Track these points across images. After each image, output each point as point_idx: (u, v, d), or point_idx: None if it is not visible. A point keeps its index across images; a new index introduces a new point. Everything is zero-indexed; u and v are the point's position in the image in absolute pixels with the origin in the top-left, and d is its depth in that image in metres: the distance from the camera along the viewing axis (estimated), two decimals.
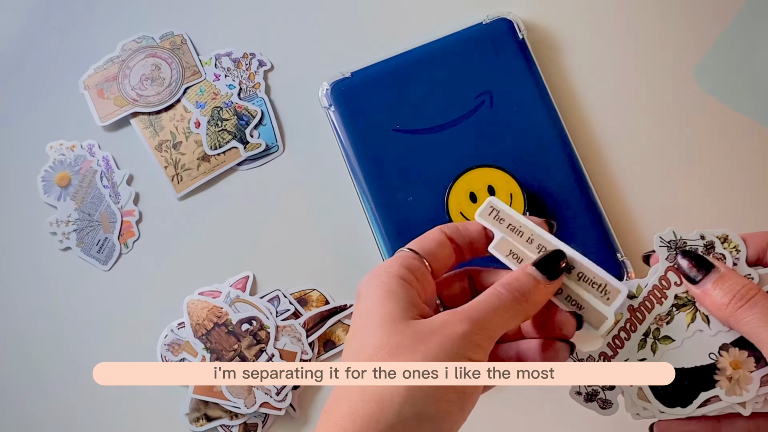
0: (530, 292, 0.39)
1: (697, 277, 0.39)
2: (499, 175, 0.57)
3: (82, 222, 0.63)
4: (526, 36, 0.61)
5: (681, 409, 0.40)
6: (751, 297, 0.37)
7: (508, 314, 0.37)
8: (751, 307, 0.37)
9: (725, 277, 0.38)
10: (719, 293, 0.38)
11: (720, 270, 0.39)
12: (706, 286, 0.39)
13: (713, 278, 0.38)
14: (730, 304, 0.37)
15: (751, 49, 0.62)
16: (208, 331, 0.58)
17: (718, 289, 0.38)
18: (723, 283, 0.38)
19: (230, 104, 0.64)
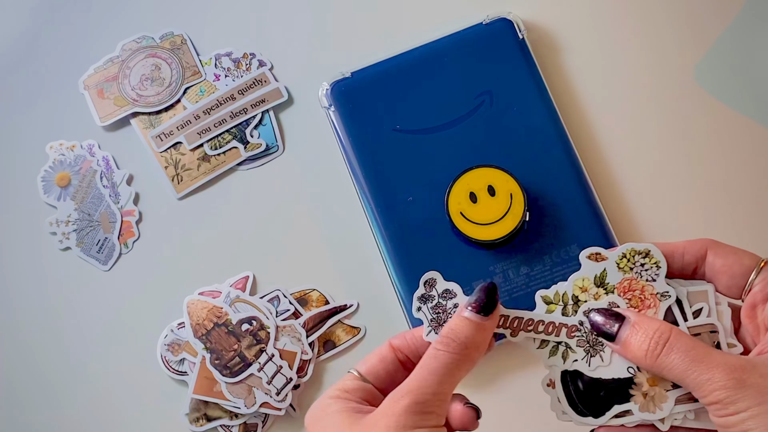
0: (469, 338, 0.38)
1: (613, 330, 0.38)
2: (499, 175, 0.57)
3: (82, 222, 0.63)
4: (526, 36, 0.61)
5: (593, 419, 0.39)
6: (666, 340, 0.37)
7: (451, 369, 0.37)
8: (668, 354, 0.36)
9: (638, 325, 0.38)
10: (636, 343, 0.37)
11: (630, 319, 0.38)
12: (621, 339, 0.38)
13: (626, 329, 0.38)
14: (648, 355, 0.37)
15: (751, 48, 0.62)
16: (208, 331, 0.58)
17: (633, 339, 0.38)
18: (637, 331, 0.38)
19: None
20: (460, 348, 0.38)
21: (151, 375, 0.59)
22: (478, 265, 0.57)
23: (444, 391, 0.37)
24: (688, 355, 0.36)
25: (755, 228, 0.59)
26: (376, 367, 0.41)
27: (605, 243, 0.57)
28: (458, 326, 0.39)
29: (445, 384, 0.37)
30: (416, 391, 0.37)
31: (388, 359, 0.42)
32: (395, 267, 0.58)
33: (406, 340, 0.42)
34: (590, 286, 0.41)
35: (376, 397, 0.40)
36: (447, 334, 0.38)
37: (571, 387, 0.40)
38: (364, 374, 0.41)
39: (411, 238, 0.58)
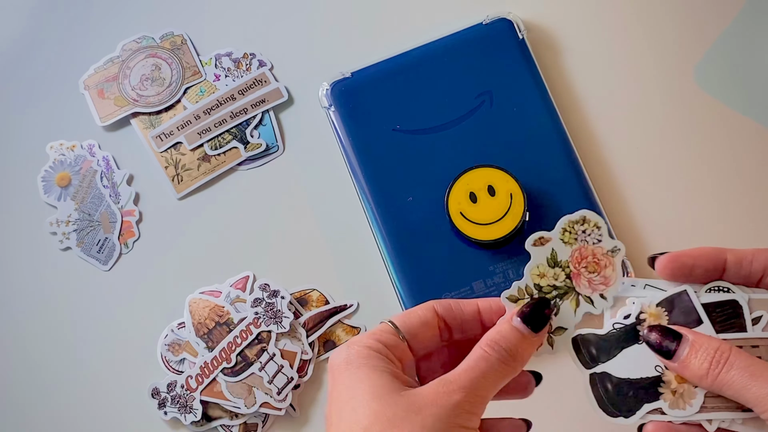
0: (516, 348, 0.38)
1: (671, 349, 0.38)
2: (499, 175, 0.57)
3: (82, 222, 0.63)
4: (526, 36, 0.61)
5: (623, 419, 0.40)
6: (726, 359, 0.37)
7: (497, 376, 0.37)
8: (728, 371, 0.36)
9: (696, 345, 0.38)
10: (696, 363, 0.37)
11: (689, 338, 0.38)
12: (680, 357, 0.38)
13: (685, 348, 0.38)
14: (709, 374, 0.37)
15: (751, 48, 0.62)
16: (210, 330, 0.59)
17: (693, 359, 0.37)
18: (696, 351, 0.37)
19: None
20: (508, 357, 0.38)
21: (152, 375, 0.59)
22: (478, 265, 0.57)
23: (487, 396, 0.37)
24: (747, 371, 0.36)
25: (754, 225, 0.59)
26: (417, 329, 0.40)
27: None
28: (508, 335, 0.38)
29: (491, 389, 0.37)
30: (470, 390, 0.36)
31: (431, 325, 0.40)
32: (395, 267, 0.58)
33: (452, 311, 0.41)
34: (546, 270, 0.41)
35: (407, 360, 0.39)
36: (498, 341, 0.38)
37: (600, 389, 0.40)
38: (403, 331, 0.39)
39: (411, 238, 0.58)
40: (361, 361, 0.37)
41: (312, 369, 0.58)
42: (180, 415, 0.58)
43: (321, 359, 0.59)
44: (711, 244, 0.58)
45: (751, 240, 0.59)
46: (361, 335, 0.39)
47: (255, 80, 0.64)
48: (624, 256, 0.41)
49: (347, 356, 0.37)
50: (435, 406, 0.35)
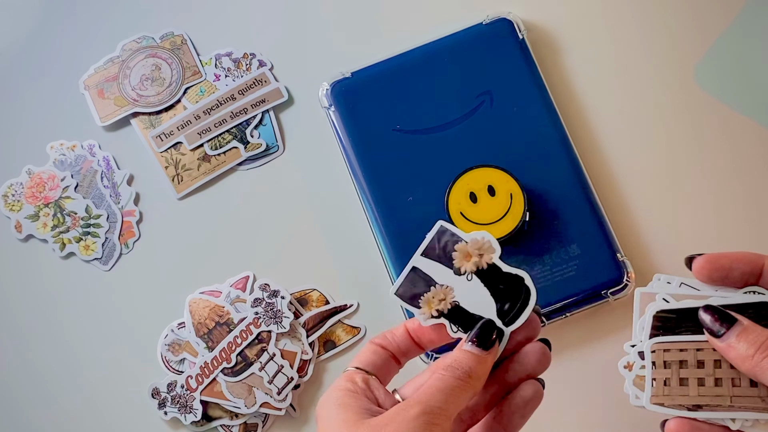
0: (471, 368, 0.40)
1: (720, 331, 0.39)
2: (499, 175, 0.57)
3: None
4: (526, 36, 0.61)
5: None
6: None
7: (454, 392, 0.39)
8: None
9: (748, 330, 0.39)
10: (744, 346, 0.38)
11: (743, 323, 0.39)
12: (729, 339, 0.39)
13: (737, 331, 0.39)
14: (755, 356, 0.38)
15: (751, 48, 0.62)
16: (210, 330, 0.59)
17: (742, 342, 0.39)
18: (747, 336, 0.39)
19: None
20: (464, 376, 0.40)
21: (152, 375, 0.59)
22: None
23: (449, 409, 0.38)
24: None
25: (754, 225, 0.59)
26: (371, 358, 0.43)
27: (605, 242, 0.57)
28: (461, 357, 0.40)
29: (450, 404, 0.39)
30: (425, 403, 0.38)
31: (383, 356, 0.43)
32: (395, 267, 0.58)
33: (387, 340, 0.44)
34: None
35: (378, 391, 0.42)
36: (450, 364, 0.40)
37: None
38: (363, 368, 0.42)
39: (411, 238, 0.58)
40: (335, 400, 0.40)
41: (312, 369, 0.58)
42: (180, 415, 0.58)
43: (321, 359, 0.59)
44: (709, 242, 0.58)
45: (751, 239, 0.59)
46: (335, 381, 0.42)
47: (255, 80, 0.64)
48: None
49: (326, 397, 0.41)
50: (394, 422, 0.37)
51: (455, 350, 0.41)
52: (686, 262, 0.42)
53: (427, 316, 0.43)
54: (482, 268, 0.44)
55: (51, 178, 0.63)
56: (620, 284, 0.56)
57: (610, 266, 0.57)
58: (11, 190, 0.63)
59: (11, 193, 0.63)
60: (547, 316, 0.56)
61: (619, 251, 0.57)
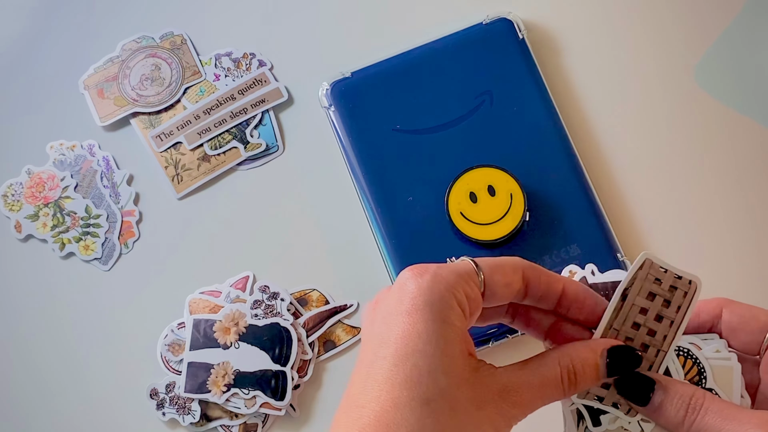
0: (585, 384, 0.37)
1: (646, 397, 0.38)
2: (499, 175, 0.57)
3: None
4: (526, 36, 0.61)
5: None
6: (701, 405, 0.37)
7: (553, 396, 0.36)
8: (704, 416, 0.36)
9: (671, 395, 0.37)
10: (671, 412, 0.37)
11: (662, 385, 0.38)
12: (654, 406, 0.37)
13: (659, 399, 0.37)
14: (685, 421, 0.37)
15: (751, 48, 0.62)
16: None
17: (667, 408, 0.37)
18: (671, 402, 0.37)
19: None
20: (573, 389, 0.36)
21: (152, 375, 0.59)
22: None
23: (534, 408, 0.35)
24: (721, 415, 0.36)
25: (754, 226, 0.59)
26: (499, 288, 0.36)
27: (605, 242, 0.57)
28: (589, 372, 0.37)
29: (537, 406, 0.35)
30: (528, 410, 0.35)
31: (512, 288, 0.36)
32: (395, 267, 0.58)
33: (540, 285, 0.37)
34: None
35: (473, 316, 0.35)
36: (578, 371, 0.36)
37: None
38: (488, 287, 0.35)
39: (411, 238, 0.58)
40: (445, 311, 0.33)
41: (312, 369, 0.58)
42: (178, 416, 0.58)
43: (321, 359, 0.59)
44: (709, 242, 0.58)
45: (751, 239, 0.59)
46: (448, 272, 0.34)
47: (255, 80, 0.64)
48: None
49: (431, 293, 0.33)
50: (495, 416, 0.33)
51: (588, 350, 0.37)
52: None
53: (215, 393, 0.54)
54: (242, 333, 0.55)
55: (51, 178, 0.63)
56: None
57: (610, 266, 0.57)
58: (11, 190, 0.63)
59: (11, 193, 0.63)
60: None
61: (619, 251, 0.57)
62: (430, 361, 0.32)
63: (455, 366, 0.32)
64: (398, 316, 0.33)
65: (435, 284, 0.33)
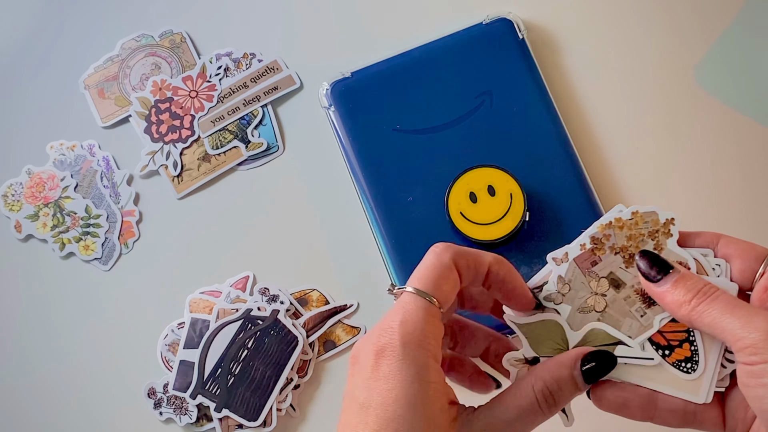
0: (565, 398, 0.37)
1: (657, 277, 0.38)
2: (499, 175, 0.57)
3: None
4: (526, 36, 0.61)
5: None
6: (712, 293, 0.37)
7: (535, 422, 0.36)
8: (711, 302, 0.36)
9: (685, 277, 0.38)
10: (680, 292, 0.37)
11: (679, 271, 0.38)
12: (665, 286, 0.38)
13: (673, 278, 0.38)
14: (692, 301, 0.37)
15: (751, 48, 0.62)
16: None
17: (678, 288, 0.37)
18: (684, 283, 0.38)
19: None
20: (554, 408, 0.37)
21: (152, 375, 0.59)
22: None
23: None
24: (729, 305, 0.36)
25: (754, 226, 0.59)
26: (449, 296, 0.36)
27: None
28: (566, 388, 0.37)
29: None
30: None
31: (455, 283, 0.37)
32: (395, 267, 0.58)
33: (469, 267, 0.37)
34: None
35: (439, 339, 0.36)
36: (554, 393, 0.37)
37: None
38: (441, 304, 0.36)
39: (411, 238, 0.58)
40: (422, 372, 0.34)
41: (312, 369, 0.58)
42: (175, 416, 0.58)
43: (321, 359, 0.59)
44: None
45: (751, 238, 0.58)
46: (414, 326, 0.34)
47: (267, 68, 0.64)
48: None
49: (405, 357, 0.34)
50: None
51: (562, 368, 0.37)
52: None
53: None
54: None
55: (51, 178, 0.63)
56: None
57: None
58: (11, 190, 0.63)
59: (11, 193, 0.63)
60: None
61: None
62: (410, 425, 0.32)
63: (434, 426, 0.33)
64: (378, 381, 0.33)
65: (407, 348, 0.34)
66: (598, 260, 0.41)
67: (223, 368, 0.57)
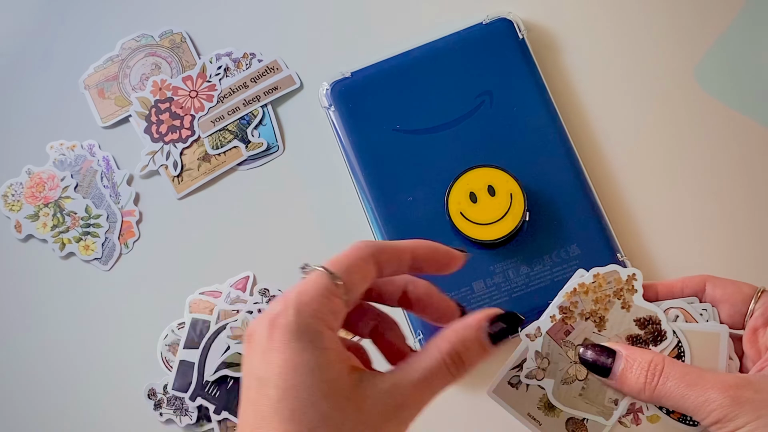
0: (475, 362, 0.36)
1: (606, 367, 0.38)
2: (499, 175, 0.57)
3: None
4: (526, 36, 0.61)
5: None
6: (661, 371, 0.37)
7: (445, 385, 0.36)
8: (665, 382, 0.37)
9: (629, 359, 0.38)
10: (632, 377, 0.38)
11: (622, 353, 0.38)
12: (616, 375, 0.38)
13: (620, 364, 0.38)
14: (646, 387, 0.37)
15: (751, 49, 0.62)
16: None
17: (629, 374, 0.38)
18: (631, 366, 0.38)
19: None
20: (464, 371, 0.36)
21: (151, 375, 0.59)
22: (478, 265, 0.57)
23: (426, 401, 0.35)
24: (683, 381, 0.36)
25: (754, 225, 0.59)
26: (358, 284, 0.36)
27: (605, 242, 0.57)
28: (474, 349, 0.36)
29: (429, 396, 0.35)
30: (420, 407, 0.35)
31: (368, 277, 0.36)
32: None
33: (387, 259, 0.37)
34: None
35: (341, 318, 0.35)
36: (461, 354, 0.36)
37: None
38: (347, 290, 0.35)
39: (411, 238, 0.58)
40: (317, 339, 0.33)
41: None
42: (175, 416, 0.58)
43: None
44: (709, 241, 0.58)
45: (751, 238, 0.59)
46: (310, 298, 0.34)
47: (267, 68, 0.64)
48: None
49: (298, 326, 0.33)
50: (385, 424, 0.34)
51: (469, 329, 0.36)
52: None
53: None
54: None
55: (51, 178, 0.63)
56: None
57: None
58: (11, 190, 0.63)
59: (11, 193, 0.63)
60: None
61: (619, 251, 0.57)
62: (311, 391, 0.32)
63: (336, 389, 0.33)
64: (273, 353, 0.33)
65: (301, 316, 0.33)
66: (571, 329, 0.42)
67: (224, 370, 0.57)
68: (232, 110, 0.64)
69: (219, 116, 0.63)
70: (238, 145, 0.63)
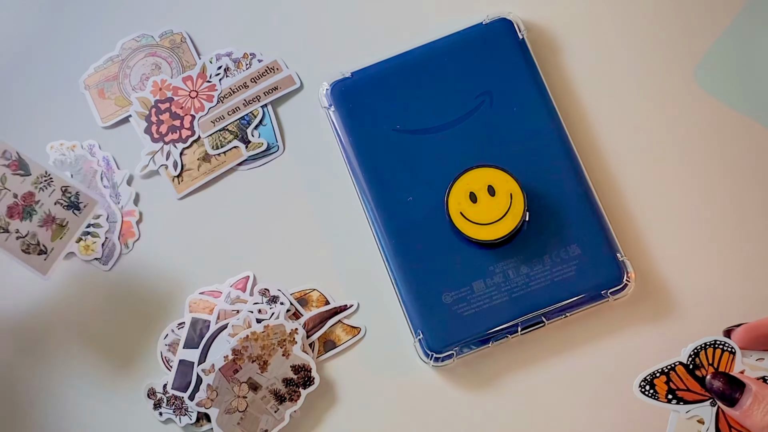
0: None
1: (734, 398, 0.39)
2: (499, 175, 0.57)
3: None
4: (526, 36, 0.61)
5: None
6: None
7: None
8: None
9: (759, 396, 0.38)
10: (759, 414, 0.38)
11: (752, 388, 0.39)
12: (743, 407, 0.39)
13: (749, 398, 0.39)
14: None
15: (751, 48, 0.62)
16: None
17: (756, 410, 0.38)
18: (760, 404, 0.38)
19: None
20: None
21: (151, 375, 0.59)
22: (478, 265, 0.57)
23: None
24: None
25: (753, 225, 0.59)
26: None
27: (605, 242, 0.57)
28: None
29: None
30: None
31: None
32: (395, 267, 0.58)
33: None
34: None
35: None
36: None
37: None
38: None
39: (411, 238, 0.58)
40: None
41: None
42: (175, 416, 0.58)
43: (321, 359, 0.59)
44: (709, 241, 0.58)
45: (750, 239, 0.59)
46: None
47: (267, 68, 0.64)
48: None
49: None
50: None
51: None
52: (724, 334, 0.42)
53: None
54: None
55: None
56: (620, 284, 0.56)
57: (610, 266, 0.57)
58: None
59: None
60: (547, 316, 0.56)
61: (619, 251, 0.57)
62: None
63: None
64: None
65: None
66: (239, 368, 0.54)
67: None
68: (232, 110, 0.64)
69: (219, 116, 0.63)
70: (238, 145, 0.63)
